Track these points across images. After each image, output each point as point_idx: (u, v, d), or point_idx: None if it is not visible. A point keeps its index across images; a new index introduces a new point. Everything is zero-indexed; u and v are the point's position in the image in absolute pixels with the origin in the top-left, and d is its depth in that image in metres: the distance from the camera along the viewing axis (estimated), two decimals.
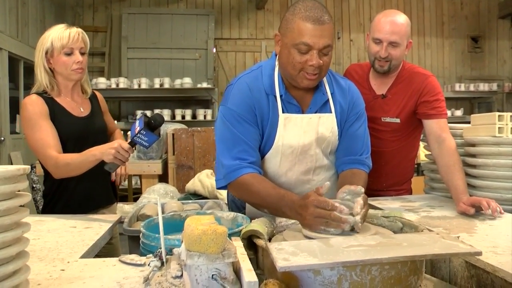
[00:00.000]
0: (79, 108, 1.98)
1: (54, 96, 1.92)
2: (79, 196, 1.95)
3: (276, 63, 1.62)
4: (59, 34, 1.87)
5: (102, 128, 2.07)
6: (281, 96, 1.57)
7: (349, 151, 1.64)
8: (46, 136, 1.81)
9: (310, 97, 1.61)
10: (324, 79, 1.64)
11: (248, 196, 1.50)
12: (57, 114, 1.89)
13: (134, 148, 1.76)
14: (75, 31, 1.90)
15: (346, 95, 1.66)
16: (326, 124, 1.61)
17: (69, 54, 1.88)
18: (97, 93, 2.16)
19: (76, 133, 1.91)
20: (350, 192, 1.23)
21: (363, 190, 1.22)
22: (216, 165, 1.60)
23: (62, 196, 1.94)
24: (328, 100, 1.62)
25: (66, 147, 1.86)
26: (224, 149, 1.54)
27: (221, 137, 1.57)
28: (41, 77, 1.90)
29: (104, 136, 2.08)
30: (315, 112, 1.61)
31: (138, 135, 1.69)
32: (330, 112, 1.62)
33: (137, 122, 1.73)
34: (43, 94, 1.90)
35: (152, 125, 1.71)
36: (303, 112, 1.60)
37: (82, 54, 1.91)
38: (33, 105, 1.85)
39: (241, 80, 1.61)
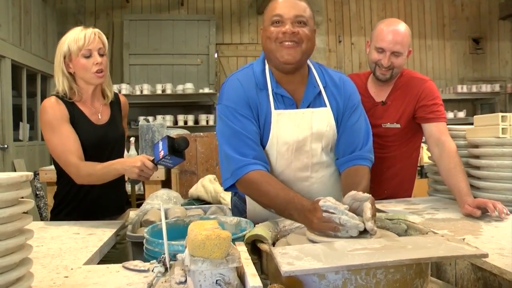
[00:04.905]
0: (97, 115, 1.92)
1: (75, 100, 1.86)
2: (90, 201, 1.90)
3: (267, 63, 1.64)
4: (75, 36, 1.81)
5: (120, 136, 2.00)
6: (273, 90, 1.59)
7: (349, 146, 1.62)
8: (67, 141, 1.77)
9: (302, 90, 1.62)
10: (315, 72, 1.65)
11: (256, 195, 1.49)
12: (76, 119, 1.84)
13: (157, 166, 1.71)
14: (91, 31, 1.83)
15: (340, 89, 1.66)
16: (321, 119, 1.60)
17: (87, 56, 1.81)
18: (121, 97, 2.08)
19: (93, 140, 1.85)
20: (355, 199, 1.22)
21: (368, 195, 1.21)
22: (221, 164, 1.59)
23: (75, 199, 1.90)
24: (320, 93, 1.63)
25: (85, 154, 1.80)
26: (226, 145, 1.54)
27: (222, 135, 1.58)
28: (59, 83, 1.84)
29: (122, 144, 2.02)
30: (308, 106, 1.61)
31: (163, 159, 1.65)
32: (325, 106, 1.62)
33: (161, 144, 1.67)
34: (63, 98, 1.84)
35: (176, 149, 1.67)
36: (297, 106, 1.60)
37: (101, 55, 1.84)
38: (53, 108, 1.80)
39: (232, 77, 1.64)
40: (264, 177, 1.46)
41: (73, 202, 1.91)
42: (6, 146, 4.98)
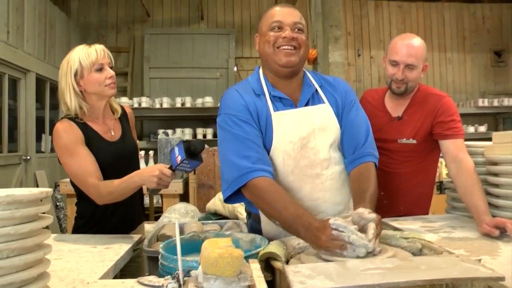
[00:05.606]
0: (110, 132, 1.92)
1: (86, 120, 1.85)
2: (115, 221, 1.91)
3: (261, 71, 1.69)
4: (86, 52, 1.82)
5: (134, 150, 2.01)
6: (270, 94, 1.62)
7: (352, 143, 1.63)
8: (86, 164, 1.76)
9: (299, 92, 1.65)
10: (309, 75, 1.70)
11: (262, 204, 1.46)
12: (91, 140, 1.83)
13: (175, 173, 1.71)
14: (100, 47, 1.85)
15: (336, 87, 1.70)
16: (321, 114, 1.62)
17: (100, 69, 1.81)
18: (126, 109, 2.09)
19: (110, 158, 1.85)
20: (362, 217, 1.22)
21: (374, 216, 1.21)
22: (222, 173, 1.57)
23: (100, 221, 1.89)
24: (317, 91, 1.67)
25: (103, 173, 1.80)
26: (228, 151, 1.53)
27: (223, 142, 1.57)
28: (71, 101, 1.82)
29: (137, 157, 2.05)
30: (306, 105, 1.63)
31: (181, 164, 1.64)
32: (323, 102, 1.65)
33: (176, 149, 1.66)
34: (75, 119, 1.82)
35: (193, 152, 1.65)
36: (295, 106, 1.63)
37: (111, 68, 1.86)
38: (67, 131, 1.78)
39: (229, 89, 1.69)
40: (272, 186, 1.45)
41: (99, 223, 1.90)
42: (29, 157, 5.09)
